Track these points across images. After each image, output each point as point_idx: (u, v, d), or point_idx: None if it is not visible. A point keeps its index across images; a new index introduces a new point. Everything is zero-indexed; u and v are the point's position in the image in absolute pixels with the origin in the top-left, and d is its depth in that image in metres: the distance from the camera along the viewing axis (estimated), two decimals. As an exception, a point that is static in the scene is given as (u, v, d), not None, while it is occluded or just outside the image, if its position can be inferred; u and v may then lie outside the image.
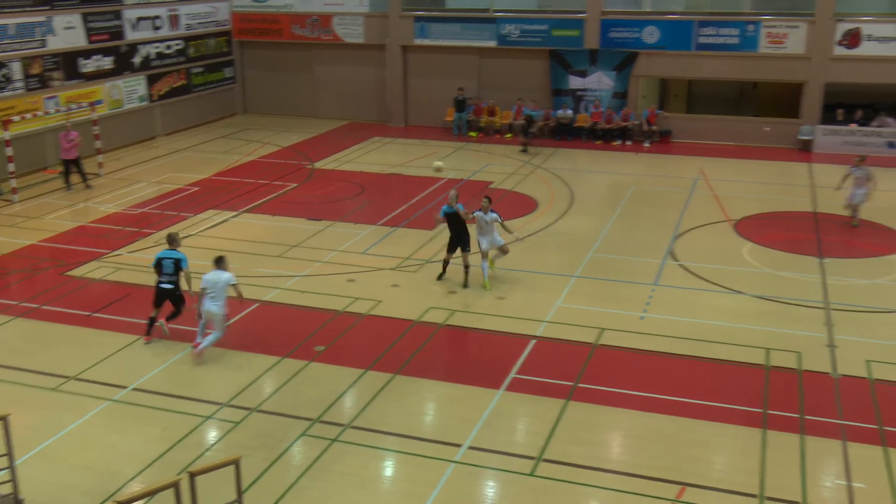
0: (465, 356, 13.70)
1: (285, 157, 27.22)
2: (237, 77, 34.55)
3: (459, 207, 16.24)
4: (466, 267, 16.34)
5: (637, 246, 18.44)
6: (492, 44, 30.24)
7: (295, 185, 23.84)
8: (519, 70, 30.44)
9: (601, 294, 15.93)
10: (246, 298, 14.43)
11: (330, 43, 32.66)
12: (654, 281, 16.53)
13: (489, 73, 30.91)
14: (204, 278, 13.45)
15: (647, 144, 28.65)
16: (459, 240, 16.33)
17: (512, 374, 12.85)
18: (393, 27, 31.23)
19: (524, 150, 27.13)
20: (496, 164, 25.96)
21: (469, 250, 16.39)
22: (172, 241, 14.18)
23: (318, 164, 26.16)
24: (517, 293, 16.03)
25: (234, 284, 13.35)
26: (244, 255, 18.15)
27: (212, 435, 11.40)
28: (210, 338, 13.45)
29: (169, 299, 14.11)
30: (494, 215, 16.18)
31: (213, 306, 13.35)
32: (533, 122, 27.98)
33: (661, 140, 29.03)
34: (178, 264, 14.02)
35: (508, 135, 29.98)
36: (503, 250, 16.52)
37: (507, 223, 16.71)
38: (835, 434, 11.21)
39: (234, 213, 21.22)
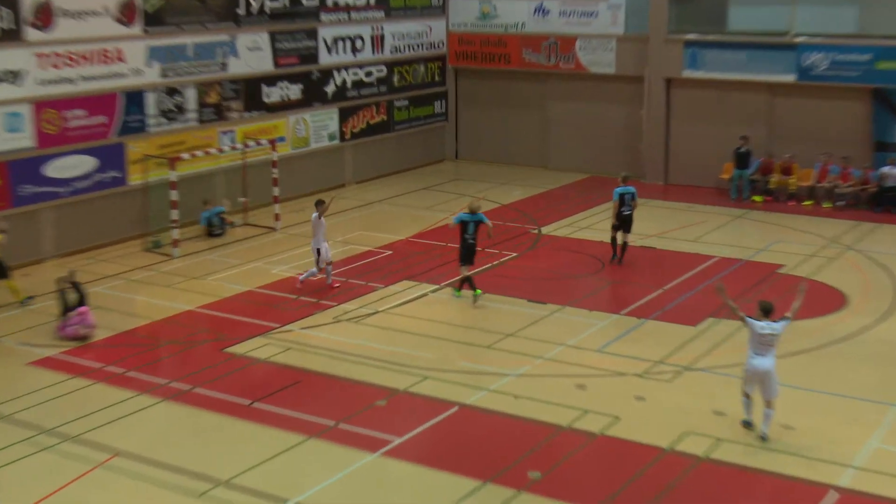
0: (734, 504, 13.10)
1: (505, 217, 27.52)
2: (449, 113, 35.74)
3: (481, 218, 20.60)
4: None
5: None
6: (789, 78, 29.52)
7: (515, 254, 24.08)
8: (827, 114, 29.49)
9: (938, 434, 14.78)
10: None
11: (569, 73, 33.19)
12: None
13: (784, 118, 30.15)
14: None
15: None
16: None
17: (800, 538, 12.11)
18: (655, 54, 31.27)
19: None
20: (789, 242, 25.10)
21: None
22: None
23: (547, 230, 26.32)
24: (809, 421, 15.27)
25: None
26: (443, 343, 18.43)
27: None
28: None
29: None
30: None
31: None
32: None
33: None
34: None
35: (808, 202, 28.88)
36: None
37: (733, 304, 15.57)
38: None
39: (435, 287, 21.67)
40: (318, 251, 21.20)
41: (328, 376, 17.02)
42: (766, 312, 14.64)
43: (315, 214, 21.28)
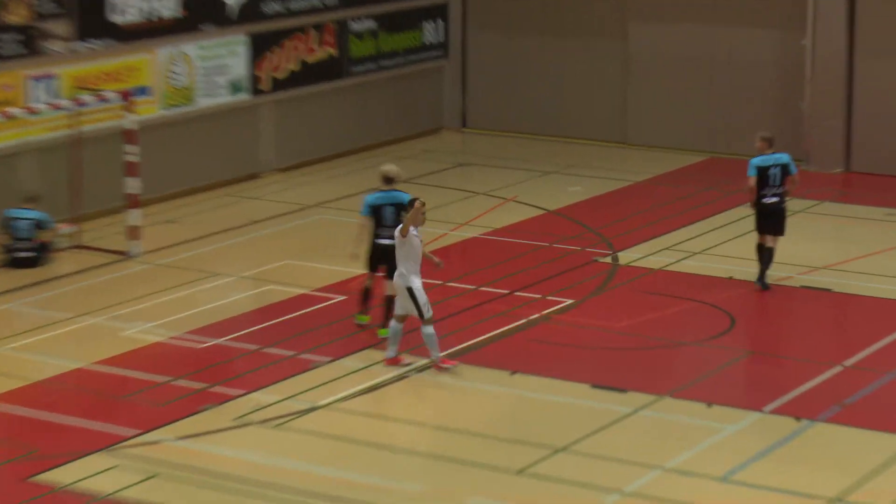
0: None
1: (553, 232, 28.09)
2: (452, 46, 36.09)
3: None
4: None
5: None
6: None
7: (569, 301, 24.28)
8: None
9: None
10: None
11: (670, -26, 33.61)
12: None
13: None
14: None
15: None
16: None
17: None
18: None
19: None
20: None
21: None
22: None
23: (627, 257, 26.65)
24: None
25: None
26: (440, 464, 18.57)
27: None
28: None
29: None
30: None
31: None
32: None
33: None
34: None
35: None
36: None
37: None
38: None
39: (423, 360, 21.58)
40: (411, 293, 21.03)
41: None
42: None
43: (397, 229, 21.27)
